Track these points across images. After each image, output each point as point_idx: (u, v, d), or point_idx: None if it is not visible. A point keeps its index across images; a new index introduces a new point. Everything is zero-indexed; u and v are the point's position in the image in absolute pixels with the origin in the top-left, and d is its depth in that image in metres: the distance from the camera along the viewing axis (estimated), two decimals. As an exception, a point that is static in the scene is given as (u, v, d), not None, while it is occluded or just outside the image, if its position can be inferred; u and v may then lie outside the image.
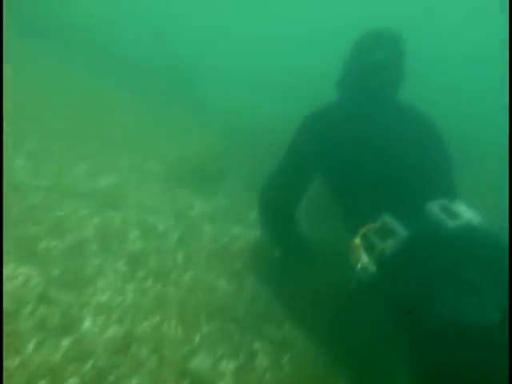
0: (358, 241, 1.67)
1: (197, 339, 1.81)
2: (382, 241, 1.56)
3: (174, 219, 2.88)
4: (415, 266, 1.48)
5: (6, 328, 1.53)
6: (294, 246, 2.21)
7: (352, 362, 1.82)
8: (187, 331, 1.83)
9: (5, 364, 1.41)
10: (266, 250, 2.48)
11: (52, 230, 2.23)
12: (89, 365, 1.52)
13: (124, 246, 2.36)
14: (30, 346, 1.51)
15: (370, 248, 1.58)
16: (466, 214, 1.76)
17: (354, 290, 1.65)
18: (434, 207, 1.75)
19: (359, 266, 1.58)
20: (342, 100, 2.20)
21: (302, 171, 2.03)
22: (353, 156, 1.93)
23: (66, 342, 1.59)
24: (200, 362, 1.67)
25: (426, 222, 1.69)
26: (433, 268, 1.44)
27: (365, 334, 1.86)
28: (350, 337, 1.88)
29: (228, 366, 1.70)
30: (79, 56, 6.28)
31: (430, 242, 1.55)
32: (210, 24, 15.85)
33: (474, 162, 5.88)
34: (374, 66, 2.09)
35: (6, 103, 3.38)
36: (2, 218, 1.96)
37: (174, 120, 5.32)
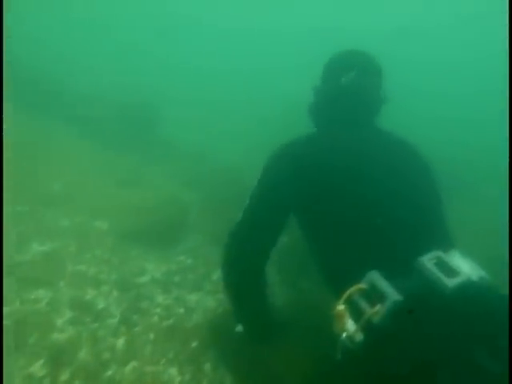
0: (341, 306, 1.36)
1: None
2: (369, 305, 1.30)
3: (118, 292, 2.42)
4: (409, 337, 1.26)
5: None
6: (263, 318, 1.79)
7: None
8: None
9: None
10: (229, 323, 2.05)
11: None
12: None
13: (46, 337, 1.89)
14: None
15: (356, 313, 1.32)
16: (464, 266, 1.43)
17: (339, 362, 1.38)
18: (428, 262, 1.42)
19: (344, 335, 1.32)
20: (318, 130, 1.87)
21: (272, 218, 1.67)
22: (330, 196, 1.60)
23: None
24: None
25: (420, 282, 1.36)
26: (429, 340, 1.25)
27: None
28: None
29: None
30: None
31: (426, 307, 1.30)
32: (170, 53, 15.58)
33: (471, 189, 5.72)
34: (345, 89, 1.79)
35: None
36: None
37: (132, 167, 4.90)
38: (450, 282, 1.31)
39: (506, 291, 1.39)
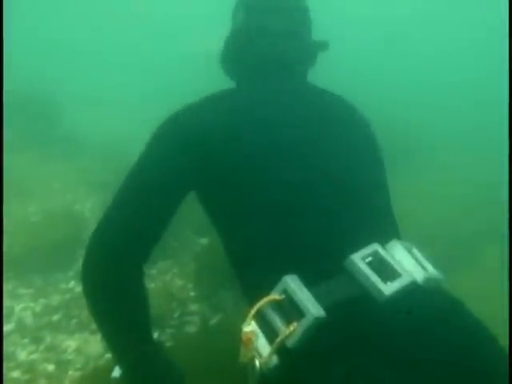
0: (248, 327, 1.02)
1: None
2: (284, 321, 1.00)
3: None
4: (334, 362, 0.97)
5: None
6: (148, 353, 1.25)
7: None
8: None
9: None
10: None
11: None
12: None
13: None
14: None
15: (270, 332, 1.01)
16: (407, 264, 1.09)
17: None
18: (360, 261, 1.07)
19: (256, 362, 1.02)
20: (228, 89, 1.41)
21: (153, 205, 1.17)
22: (238, 175, 1.18)
23: None
24: None
25: (349, 289, 1.02)
26: (354, 369, 0.95)
27: None
28: None
29: None
30: None
31: (356, 323, 1.00)
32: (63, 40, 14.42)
33: (425, 155, 5.59)
34: (248, 32, 1.40)
35: None
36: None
37: (27, 167, 4.22)
38: (387, 288, 1.00)
39: (457, 295, 1.09)
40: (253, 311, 1.01)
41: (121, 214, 1.15)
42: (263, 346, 1.00)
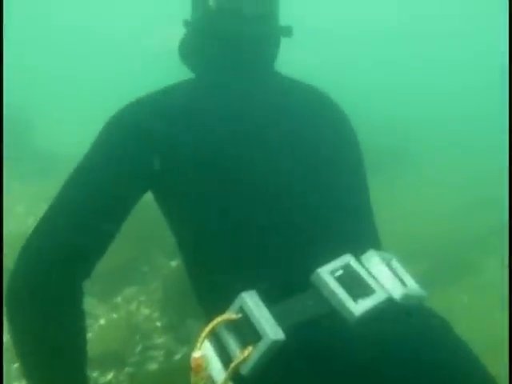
0: (198, 353, 0.89)
1: None
2: (240, 343, 0.89)
3: None
4: None
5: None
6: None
7: None
8: None
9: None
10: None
11: None
12: None
13: None
14: None
15: (223, 356, 0.90)
16: (384, 278, 0.95)
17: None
18: (328, 276, 0.92)
19: None
20: (188, 79, 1.26)
21: (98, 211, 0.99)
22: (195, 175, 1.04)
23: None
24: None
25: (313, 308, 0.89)
26: None
27: None
28: None
29: None
30: None
31: (316, 350, 0.87)
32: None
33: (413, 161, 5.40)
34: (214, 16, 1.26)
35: None
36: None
37: None
38: (357, 307, 0.88)
39: (441, 314, 0.97)
40: (203, 333, 0.89)
41: (57, 220, 0.96)
42: (218, 373, 0.89)
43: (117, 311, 2.51)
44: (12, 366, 2.10)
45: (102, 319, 2.45)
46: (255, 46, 1.23)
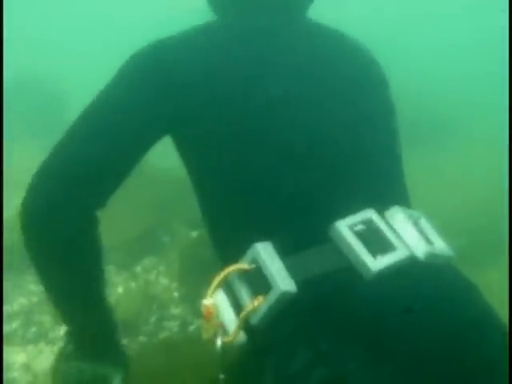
0: (209, 300, 0.87)
1: None
2: (251, 293, 0.88)
3: None
4: (291, 348, 0.83)
5: None
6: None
7: None
8: None
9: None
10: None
11: None
12: None
13: None
14: None
15: (235, 304, 0.89)
16: (409, 235, 0.89)
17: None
18: (346, 230, 0.86)
19: (218, 340, 0.89)
20: (214, 21, 1.18)
21: (115, 147, 0.98)
22: (219, 119, 1.00)
23: None
24: None
25: (329, 262, 0.86)
26: (319, 356, 0.80)
27: None
28: None
29: None
30: None
31: (328, 305, 0.84)
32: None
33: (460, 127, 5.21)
34: None
35: None
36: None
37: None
38: (375, 263, 0.83)
39: (467, 274, 0.91)
40: (215, 282, 0.88)
41: (72, 147, 0.95)
42: (230, 322, 0.89)
43: (135, 280, 2.51)
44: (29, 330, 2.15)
45: (119, 287, 2.46)
46: None
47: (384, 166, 1.04)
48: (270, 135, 0.97)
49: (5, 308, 2.30)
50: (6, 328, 2.22)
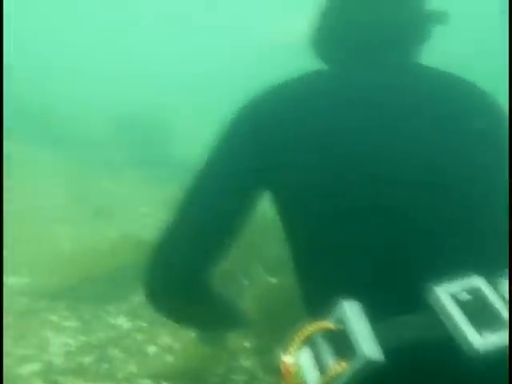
0: (289, 358, 0.84)
1: None
2: (335, 355, 0.81)
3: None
4: None
5: None
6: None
7: None
8: None
9: None
10: None
11: None
12: None
13: None
14: None
15: (319, 365, 0.84)
16: None
17: None
18: (445, 296, 0.79)
19: None
20: (318, 70, 1.19)
21: (231, 203, 1.06)
22: (323, 173, 0.99)
23: None
24: None
25: (423, 331, 0.80)
26: None
27: None
28: None
29: None
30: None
31: (419, 377, 0.78)
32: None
33: None
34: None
35: None
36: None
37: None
38: (480, 342, 0.74)
39: None
40: (297, 338, 0.86)
41: (178, 233, 1.03)
42: (313, 382, 0.83)
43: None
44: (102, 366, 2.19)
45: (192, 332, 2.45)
46: (395, 33, 1.12)
47: (483, 223, 0.94)
48: (369, 196, 0.93)
49: (84, 340, 2.36)
50: (82, 360, 2.22)
